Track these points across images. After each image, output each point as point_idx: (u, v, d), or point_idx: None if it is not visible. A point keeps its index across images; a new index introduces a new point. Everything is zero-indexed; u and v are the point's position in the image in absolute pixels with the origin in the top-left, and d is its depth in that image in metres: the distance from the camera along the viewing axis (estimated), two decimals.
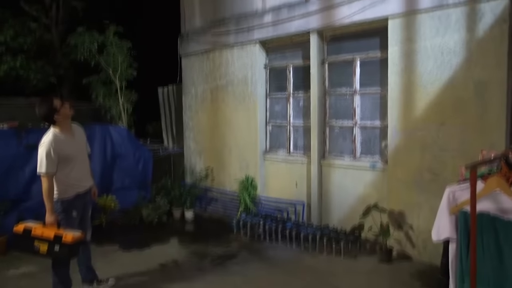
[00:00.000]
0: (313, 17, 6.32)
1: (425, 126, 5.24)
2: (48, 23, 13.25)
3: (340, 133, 6.48)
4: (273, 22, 6.88)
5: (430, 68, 5.17)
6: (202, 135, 8.54)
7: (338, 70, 6.42)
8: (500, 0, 4.61)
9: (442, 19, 5.05)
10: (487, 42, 4.74)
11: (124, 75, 9.21)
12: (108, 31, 9.03)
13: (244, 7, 7.42)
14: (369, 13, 5.66)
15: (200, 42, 8.28)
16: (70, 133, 4.22)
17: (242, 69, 7.52)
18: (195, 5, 8.54)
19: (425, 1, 5.14)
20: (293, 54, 7.04)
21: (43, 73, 11.66)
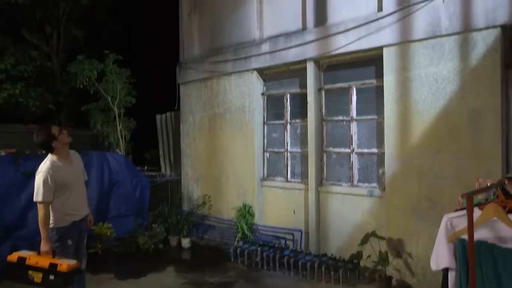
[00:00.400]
0: (310, 46, 6.44)
1: (422, 153, 5.27)
2: (49, 51, 13.47)
3: (338, 160, 6.50)
4: (270, 51, 7.00)
5: (425, 96, 5.25)
6: (200, 162, 8.55)
7: (335, 98, 6.50)
8: (492, 30, 4.73)
9: (436, 49, 5.15)
10: (480, 71, 4.83)
11: (122, 102, 9.29)
12: (107, 60, 9.16)
13: (242, 37, 7.57)
14: (364, 42, 5.78)
15: (199, 70, 8.40)
16: (68, 160, 4.22)
17: (240, 97, 7.60)
18: (194, 34, 8.71)
19: (418, 31, 5.27)
20: (290, 82, 7.14)
21: (42, 100, 11.76)
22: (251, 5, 7.36)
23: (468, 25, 4.89)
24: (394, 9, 5.49)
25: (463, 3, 4.92)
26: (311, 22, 6.47)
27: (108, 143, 9.74)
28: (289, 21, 6.83)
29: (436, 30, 5.12)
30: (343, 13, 6.12)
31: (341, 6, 6.17)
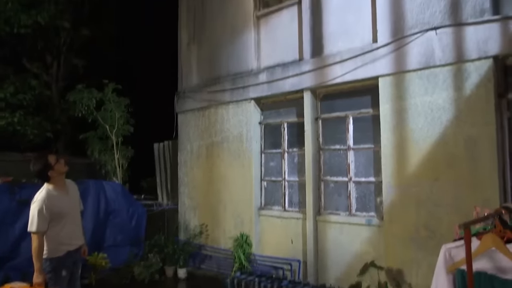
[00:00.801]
0: (306, 76, 6.54)
1: (419, 181, 5.27)
2: (49, 80, 13.61)
3: (335, 189, 6.48)
4: (267, 81, 7.10)
5: (421, 125, 5.29)
6: (197, 191, 8.50)
7: (332, 127, 6.54)
8: (484, 61, 4.83)
9: (430, 78, 5.24)
10: (474, 100, 4.90)
11: (120, 131, 9.34)
12: (107, 89, 9.26)
13: (239, 67, 7.69)
14: (360, 72, 5.88)
15: (197, 99, 8.48)
16: (64, 189, 4.19)
17: (237, 126, 7.65)
18: (192, 64, 8.84)
19: (413, 62, 5.37)
20: (287, 111, 7.20)
21: (40, 129, 11.79)
22: (249, 36, 7.52)
23: (461, 56, 4.99)
24: (389, 41, 5.62)
25: (456, 35, 5.04)
26: (308, 52, 6.60)
27: (105, 172, 9.72)
28: (286, 51, 6.96)
29: (430, 60, 5.22)
30: (339, 44, 6.25)
31: (337, 37, 6.31)
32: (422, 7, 5.37)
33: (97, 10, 13.92)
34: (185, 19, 9.00)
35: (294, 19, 6.86)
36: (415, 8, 5.44)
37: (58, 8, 12.57)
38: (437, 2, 5.26)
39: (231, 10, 7.88)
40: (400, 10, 5.56)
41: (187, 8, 8.99)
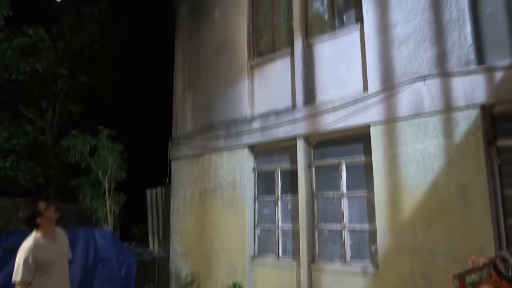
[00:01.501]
0: (300, 123, 6.64)
1: (413, 229, 5.23)
2: (43, 126, 13.65)
3: (329, 237, 6.39)
4: (261, 128, 7.19)
5: (413, 171, 5.33)
6: (189, 239, 8.34)
7: (325, 174, 6.56)
8: (472, 109, 4.96)
9: (421, 126, 5.34)
10: (464, 148, 4.97)
11: (113, 177, 9.28)
12: (101, 135, 9.31)
13: (233, 114, 7.81)
14: (352, 120, 5.99)
15: (191, 146, 8.53)
16: (52, 238, 4.09)
17: (231, 172, 7.64)
18: (187, 111, 8.96)
19: (403, 110, 5.49)
20: (281, 158, 7.24)
21: (31, 174, 11.69)
22: (243, 84, 7.69)
23: (449, 104, 5.13)
24: (379, 89, 5.77)
25: (443, 84, 5.20)
26: (301, 100, 6.74)
27: (96, 218, 9.57)
28: (279, 99, 7.11)
29: (420, 109, 5.35)
30: (331, 93, 6.41)
31: (328, 86, 6.48)
32: (410, 58, 5.57)
33: (95, 58, 14.23)
34: (181, 68, 9.24)
35: (287, 69, 7.07)
36: (403, 59, 5.64)
37: (57, 56, 12.86)
38: (424, 53, 5.46)
39: (225, 60, 8.11)
40: (389, 60, 5.75)
41: (182, 58, 9.24)
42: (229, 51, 8.06)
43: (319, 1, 7.01)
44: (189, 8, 9.18)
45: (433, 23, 5.44)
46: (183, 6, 9.38)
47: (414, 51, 5.55)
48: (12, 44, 11.79)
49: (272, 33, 7.60)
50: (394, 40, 5.75)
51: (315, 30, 6.93)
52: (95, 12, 13.91)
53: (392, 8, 5.81)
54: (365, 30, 6.07)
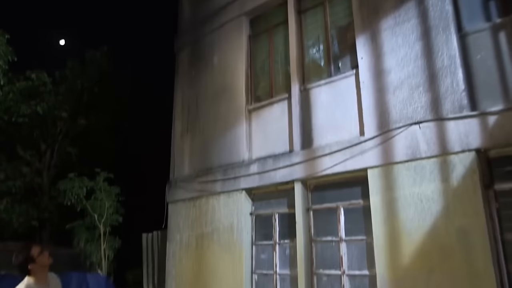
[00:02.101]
0: (297, 167, 6.66)
1: (414, 274, 5.13)
2: (40, 168, 13.63)
3: (328, 283, 6.24)
4: (258, 172, 7.19)
5: (412, 215, 5.29)
6: (185, 284, 8.12)
7: (323, 218, 6.50)
8: (468, 153, 5.00)
9: (418, 170, 5.36)
10: (462, 191, 4.97)
11: (109, 221, 9.17)
12: (98, 177, 9.28)
13: (231, 158, 7.83)
14: (349, 164, 6.01)
15: (188, 189, 8.49)
16: (45, 283, 3.98)
17: (228, 216, 7.57)
18: (185, 154, 8.99)
19: (400, 154, 5.53)
20: (278, 202, 7.19)
21: (26, 217, 11.55)
22: (241, 128, 7.77)
23: (444, 148, 5.18)
24: (375, 134, 5.84)
25: (438, 129, 5.28)
26: (298, 144, 6.79)
27: (90, 263, 9.35)
28: (277, 143, 7.17)
29: (416, 152, 5.39)
30: (328, 137, 6.48)
31: (325, 130, 6.56)
32: (405, 103, 5.68)
33: (95, 100, 14.44)
34: (180, 111, 9.36)
35: (284, 113, 7.18)
36: (398, 104, 5.75)
37: (57, 99, 13.06)
38: (418, 98, 5.58)
39: (224, 104, 8.24)
40: (385, 105, 5.87)
41: (182, 101, 9.38)
42: (227, 96, 8.21)
43: (315, 48, 7.24)
44: (189, 53, 9.44)
45: (426, 69, 5.59)
46: (183, 51, 9.65)
47: (409, 96, 5.67)
48: (15, 87, 12.01)
49: (270, 79, 7.78)
50: (388, 85, 5.89)
51: (312, 76, 7.11)
52: (98, 56, 14.27)
53: (386, 55, 5.99)
54: (360, 76, 6.23)
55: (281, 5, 7.75)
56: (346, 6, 6.82)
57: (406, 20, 5.88)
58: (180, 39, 9.78)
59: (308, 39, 7.34)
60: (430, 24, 5.65)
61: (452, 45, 5.40)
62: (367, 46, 6.22)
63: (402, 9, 5.96)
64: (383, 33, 6.08)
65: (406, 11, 5.92)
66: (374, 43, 6.15)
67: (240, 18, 8.30)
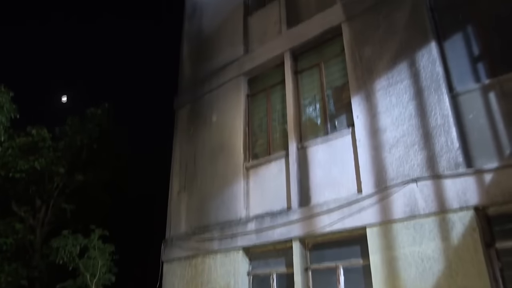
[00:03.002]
0: (295, 225, 6.58)
1: None
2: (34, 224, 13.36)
3: None
4: (256, 230, 7.09)
5: (413, 275, 5.17)
6: None
7: (322, 278, 6.32)
8: (466, 211, 4.99)
9: (417, 228, 5.31)
10: (463, 250, 4.89)
11: (101, 281, 8.88)
12: (93, 234, 9.11)
13: (228, 215, 7.75)
14: (347, 222, 5.96)
15: (184, 248, 8.31)
16: None
17: (225, 276, 7.35)
18: (181, 212, 8.89)
19: (398, 212, 5.51)
20: (276, 261, 7.02)
21: (15, 276, 11.15)
22: (239, 186, 7.76)
23: (443, 206, 5.17)
24: (373, 191, 5.85)
25: (435, 186, 5.30)
26: (296, 202, 6.76)
27: None
28: (274, 201, 7.13)
29: (414, 210, 5.37)
30: (325, 194, 6.47)
31: (323, 187, 6.56)
32: (401, 161, 5.75)
33: (93, 156, 14.47)
34: (178, 168, 9.38)
35: (282, 171, 7.21)
36: (394, 162, 5.81)
37: (56, 154, 13.09)
38: (414, 156, 5.65)
39: (222, 162, 8.29)
40: (381, 163, 5.93)
41: (180, 158, 9.44)
42: (225, 153, 8.29)
43: (312, 107, 7.42)
44: (189, 111, 9.64)
45: (421, 128, 5.72)
46: (182, 109, 9.86)
47: (405, 154, 5.74)
48: (14, 143, 12.09)
49: (268, 136, 7.90)
50: (384, 143, 5.98)
51: (309, 134, 7.24)
52: (98, 113, 14.50)
53: (381, 114, 6.15)
54: (356, 134, 6.34)
55: (278, 66, 8.07)
56: (341, 67, 7.10)
57: (399, 81, 6.10)
58: (180, 97, 10.03)
59: (304, 98, 7.56)
60: (422, 85, 5.86)
61: (445, 104, 5.57)
62: (362, 105, 6.40)
63: (395, 71, 6.20)
64: (377, 93, 6.28)
65: (398, 72, 6.16)
66: (369, 102, 6.33)
67: (239, 78, 8.59)
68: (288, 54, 7.86)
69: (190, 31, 10.65)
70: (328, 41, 7.49)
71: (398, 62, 6.22)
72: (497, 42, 5.61)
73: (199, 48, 10.10)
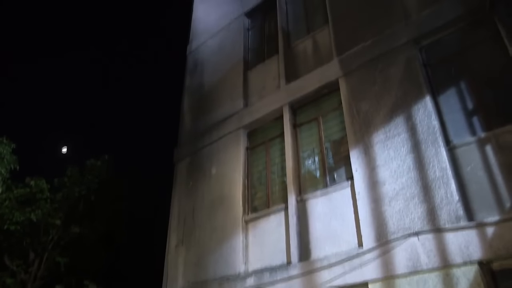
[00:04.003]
0: (295, 281, 6.38)
1: None
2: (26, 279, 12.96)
3: None
4: (255, 285, 6.87)
5: None
6: None
7: None
8: (470, 266, 4.89)
9: (420, 284, 5.18)
10: None
11: None
12: None
13: (227, 270, 7.53)
14: (349, 277, 5.81)
15: None
16: None
17: None
18: (179, 266, 8.64)
19: (400, 266, 5.39)
20: None
21: None
22: (237, 239, 7.62)
23: (446, 260, 5.07)
24: (374, 245, 5.75)
25: (437, 240, 5.22)
26: (296, 256, 6.62)
27: None
28: (274, 255, 6.97)
29: (417, 265, 5.26)
30: (326, 249, 6.35)
31: (323, 241, 6.45)
32: (402, 214, 5.70)
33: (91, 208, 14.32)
34: (176, 221, 9.23)
35: (281, 224, 7.12)
36: (395, 215, 5.76)
37: (53, 206, 12.96)
38: (414, 209, 5.62)
39: (220, 215, 8.18)
40: (381, 216, 5.87)
41: (178, 211, 9.31)
42: (224, 206, 8.20)
43: (311, 160, 7.47)
44: (188, 164, 9.66)
45: (419, 180, 5.73)
46: (182, 162, 9.88)
47: (405, 207, 5.71)
48: (12, 194, 12.02)
49: (267, 189, 7.86)
50: (384, 196, 5.97)
51: (308, 187, 7.22)
52: (98, 164, 14.53)
53: (379, 167, 6.18)
54: (355, 187, 6.33)
55: (277, 119, 8.22)
56: (339, 121, 7.23)
57: (397, 135, 6.20)
58: (179, 150, 10.09)
59: (303, 151, 7.62)
60: (419, 138, 5.94)
61: (442, 157, 5.62)
62: (360, 158, 6.45)
63: (392, 124, 6.32)
64: (375, 146, 6.36)
65: (395, 126, 6.27)
66: (368, 155, 6.39)
67: (238, 131, 8.70)
68: (287, 108, 8.02)
69: (191, 85, 10.93)
70: (326, 96, 7.69)
71: (394, 116, 6.34)
72: (490, 95, 5.77)
73: (200, 101, 10.33)
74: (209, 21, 11.61)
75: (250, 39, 10.16)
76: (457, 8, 6.33)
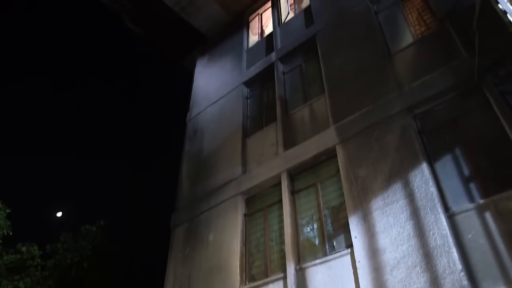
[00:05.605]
0: None
1: None
2: None
3: None
4: None
5: None
6: None
7: None
8: None
9: None
10: None
11: None
12: None
13: None
14: None
15: None
16: None
17: None
18: None
19: None
20: None
21: None
22: None
23: None
24: None
25: None
26: None
27: None
28: None
29: None
30: None
31: None
32: (404, 284, 5.53)
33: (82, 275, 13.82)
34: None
35: None
36: (397, 285, 5.57)
37: (43, 274, 12.52)
38: (417, 278, 5.45)
39: (217, 284, 7.80)
40: (383, 286, 5.71)
41: (174, 279, 8.94)
42: (221, 275, 7.91)
43: (310, 227, 7.36)
44: (185, 230, 9.48)
45: (420, 248, 5.62)
46: (179, 228, 9.69)
47: (407, 276, 5.55)
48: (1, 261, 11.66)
49: (265, 257, 7.65)
50: (385, 265, 5.81)
51: (307, 255, 7.04)
52: (93, 230, 14.25)
53: (379, 234, 6.08)
54: (355, 255, 6.19)
55: (275, 185, 8.21)
56: (337, 187, 7.23)
57: (395, 201, 6.18)
58: (177, 215, 9.96)
59: (302, 218, 7.53)
60: (418, 205, 5.92)
61: (442, 224, 5.56)
62: (360, 225, 6.37)
63: (390, 191, 6.32)
64: (374, 213, 6.31)
65: (394, 192, 6.27)
66: (367, 222, 6.32)
67: (236, 197, 8.66)
68: (285, 175, 8.05)
69: (190, 151, 11.05)
70: (324, 162, 7.77)
71: (392, 182, 6.37)
72: (486, 162, 5.84)
73: (198, 167, 10.38)
74: (209, 90, 12.03)
75: (248, 107, 10.46)
76: (447, 78, 6.62)
